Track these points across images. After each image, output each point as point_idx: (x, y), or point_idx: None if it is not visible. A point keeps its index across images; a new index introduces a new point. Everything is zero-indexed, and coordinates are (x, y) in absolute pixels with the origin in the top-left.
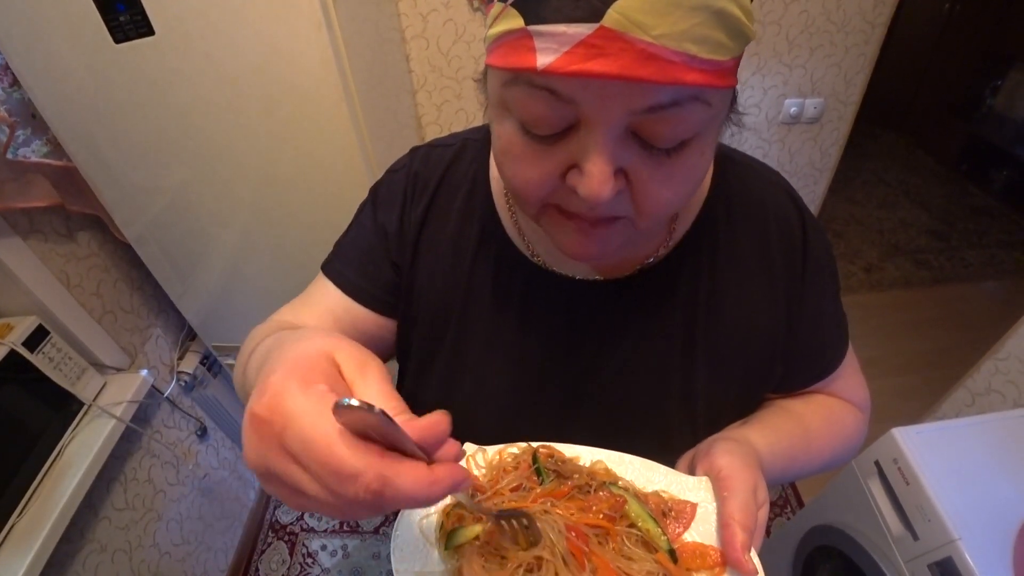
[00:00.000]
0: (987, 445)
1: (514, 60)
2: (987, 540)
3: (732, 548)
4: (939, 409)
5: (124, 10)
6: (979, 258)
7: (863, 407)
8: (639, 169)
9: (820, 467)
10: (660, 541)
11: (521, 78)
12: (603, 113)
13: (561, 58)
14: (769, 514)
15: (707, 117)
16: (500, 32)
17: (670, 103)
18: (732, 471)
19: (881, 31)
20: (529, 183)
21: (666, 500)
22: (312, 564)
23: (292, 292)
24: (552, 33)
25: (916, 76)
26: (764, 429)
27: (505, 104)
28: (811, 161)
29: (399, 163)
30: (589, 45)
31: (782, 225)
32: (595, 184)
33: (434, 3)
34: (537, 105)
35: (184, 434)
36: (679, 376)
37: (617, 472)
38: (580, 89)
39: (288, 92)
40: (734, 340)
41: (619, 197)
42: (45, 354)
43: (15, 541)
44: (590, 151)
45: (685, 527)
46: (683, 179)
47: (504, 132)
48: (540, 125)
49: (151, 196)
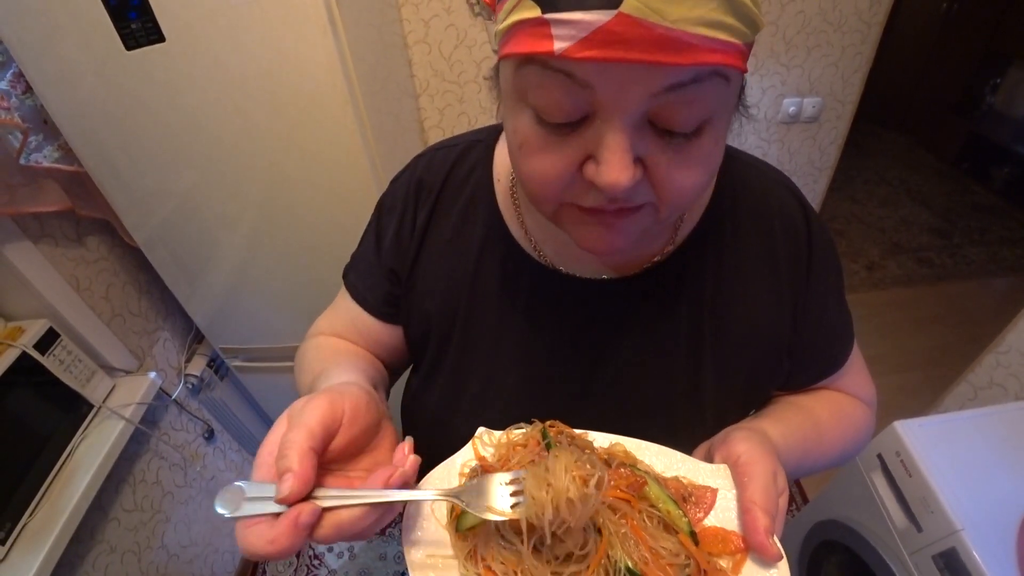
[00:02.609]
0: (989, 437)
1: (530, 46)
2: (990, 530)
3: (755, 532)
4: (942, 403)
5: (135, 17)
6: (981, 255)
7: (870, 402)
8: (657, 157)
9: (831, 461)
10: (681, 523)
11: (536, 59)
12: (621, 99)
13: (579, 43)
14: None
15: (724, 96)
16: (515, 21)
17: (691, 80)
18: (751, 457)
19: (877, 30)
20: (547, 177)
21: (686, 485)
22: (319, 566)
23: (299, 294)
24: (570, 20)
25: (916, 75)
26: (776, 422)
27: (520, 93)
28: (810, 160)
29: (403, 170)
30: (608, 31)
31: (786, 223)
32: (614, 172)
33: (436, 8)
34: (553, 91)
35: (191, 436)
36: (686, 373)
37: (635, 456)
38: (598, 74)
39: (294, 96)
40: (740, 337)
41: (639, 186)
42: (55, 356)
43: (26, 541)
44: (607, 139)
45: (706, 513)
46: (701, 164)
47: (520, 125)
48: (555, 112)
49: (160, 200)
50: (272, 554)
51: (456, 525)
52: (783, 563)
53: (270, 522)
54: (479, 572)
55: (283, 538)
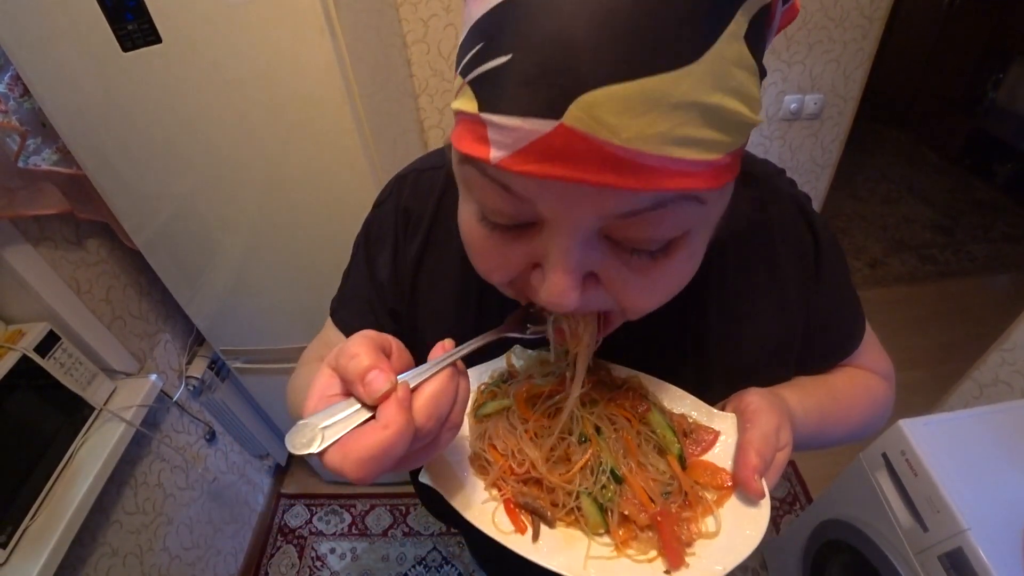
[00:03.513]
0: (995, 435)
1: (468, 146)
2: (997, 530)
3: (743, 467)
4: (947, 401)
5: (132, 19)
6: (984, 252)
7: (888, 375)
8: (613, 275)
9: (853, 430)
10: (673, 447)
11: (475, 163)
12: (566, 219)
13: (516, 155)
14: (778, 510)
15: (700, 214)
16: (457, 110)
17: (651, 206)
18: (759, 407)
19: (879, 26)
20: (492, 275)
21: (690, 423)
22: (321, 567)
23: (298, 296)
24: (507, 126)
25: (917, 71)
26: (793, 389)
27: (464, 184)
28: (812, 157)
29: (384, 193)
30: (547, 145)
31: (788, 232)
32: (556, 293)
33: (435, 8)
34: (493, 197)
35: (193, 438)
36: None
37: (648, 388)
38: (538, 190)
39: (292, 97)
40: (748, 357)
41: (594, 295)
42: (56, 359)
43: (28, 545)
44: (551, 257)
45: (703, 451)
46: (667, 284)
47: (465, 216)
48: (497, 216)
49: (159, 202)
50: (396, 446)
51: (476, 412)
52: (765, 502)
53: (369, 426)
54: (484, 447)
55: (397, 423)
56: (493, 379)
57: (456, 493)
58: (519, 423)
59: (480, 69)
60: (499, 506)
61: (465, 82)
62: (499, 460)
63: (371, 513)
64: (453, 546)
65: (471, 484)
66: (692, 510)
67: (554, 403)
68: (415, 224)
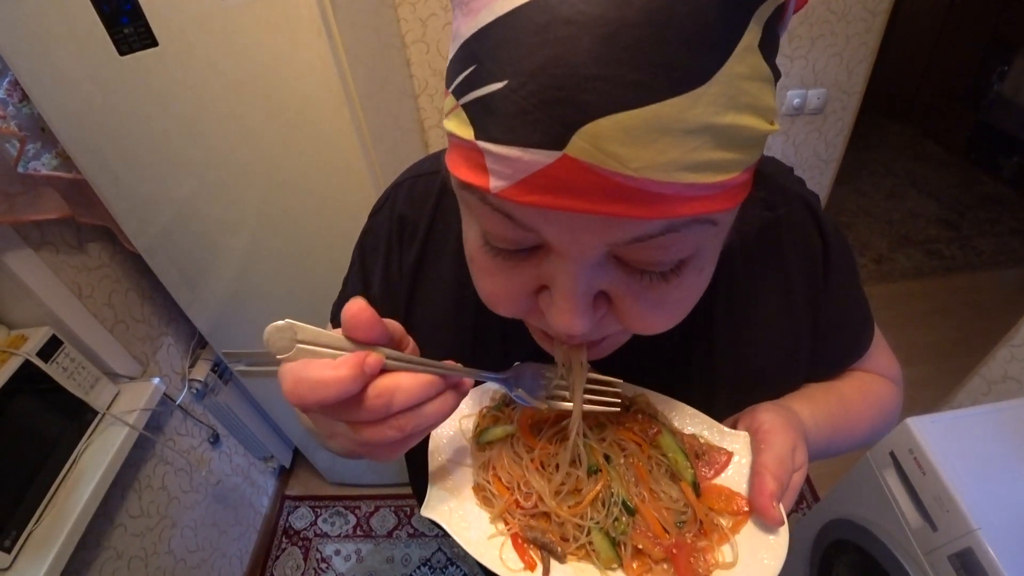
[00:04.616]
0: (1004, 433)
1: (466, 174)
2: (1008, 529)
3: (760, 494)
4: (955, 398)
5: (128, 23)
6: (991, 246)
7: (896, 379)
8: (624, 292)
9: (862, 438)
10: (686, 472)
11: (474, 190)
12: (573, 247)
13: (517, 185)
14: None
15: (712, 235)
16: (451, 132)
17: (662, 231)
18: (773, 427)
19: (882, 19)
20: (498, 300)
21: (701, 444)
22: (326, 569)
23: (299, 297)
24: (505, 157)
25: (921, 65)
26: (805, 402)
27: (466, 206)
28: (816, 152)
29: (380, 201)
30: (550, 176)
31: (797, 234)
32: (565, 319)
33: (433, 7)
34: (496, 223)
35: (197, 441)
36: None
37: (657, 408)
38: (543, 221)
39: (290, 99)
40: (756, 363)
41: (602, 321)
42: (59, 364)
43: (32, 548)
44: (559, 281)
45: (716, 473)
46: (679, 302)
47: (470, 236)
48: (501, 241)
49: (159, 206)
50: (330, 387)
51: (478, 438)
52: (783, 529)
53: (324, 359)
54: (488, 478)
55: (346, 371)
56: (495, 402)
57: (460, 527)
58: (524, 452)
59: (473, 95)
60: (506, 541)
61: (458, 104)
62: (504, 493)
63: (376, 514)
64: (458, 547)
65: (475, 516)
66: (707, 538)
67: (560, 429)
68: (411, 231)
